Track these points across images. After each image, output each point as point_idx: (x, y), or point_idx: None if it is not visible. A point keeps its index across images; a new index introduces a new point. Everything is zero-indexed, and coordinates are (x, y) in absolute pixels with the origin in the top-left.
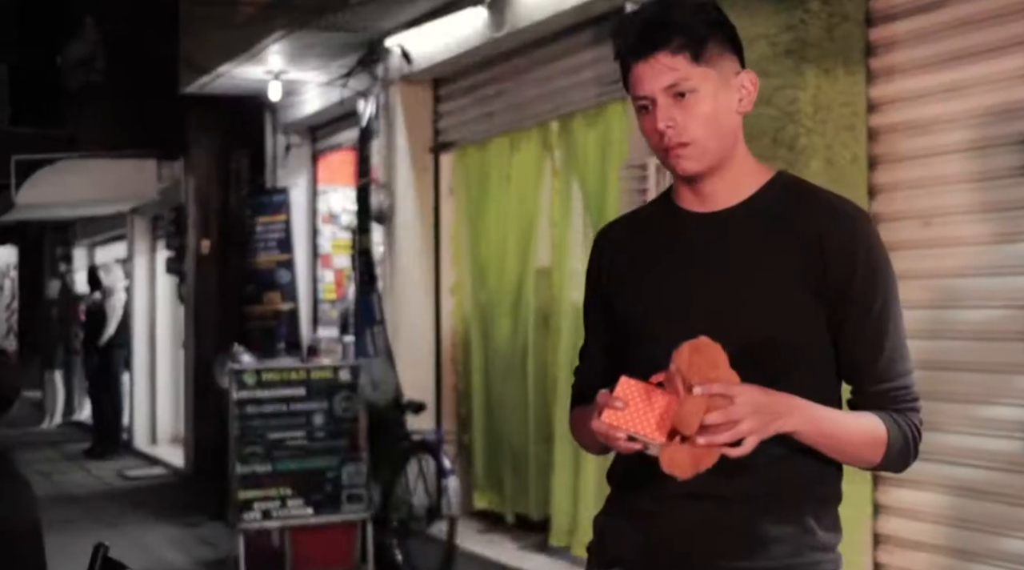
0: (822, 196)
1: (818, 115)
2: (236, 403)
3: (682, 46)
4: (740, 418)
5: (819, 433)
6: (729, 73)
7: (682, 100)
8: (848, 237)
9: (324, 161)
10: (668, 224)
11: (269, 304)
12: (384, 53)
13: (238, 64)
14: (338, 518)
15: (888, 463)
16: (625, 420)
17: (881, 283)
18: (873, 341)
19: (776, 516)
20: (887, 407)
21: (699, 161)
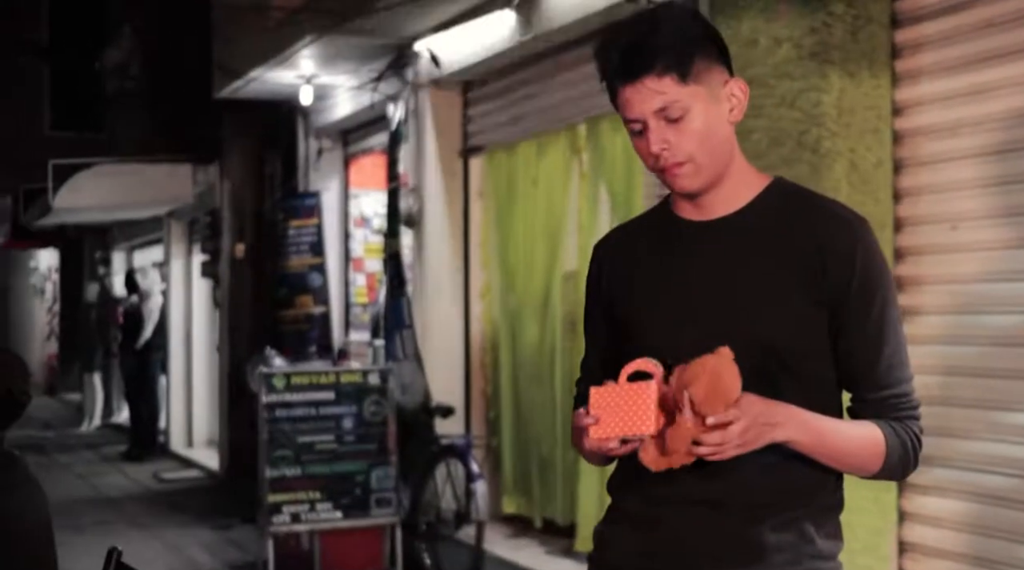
0: (819, 202)
1: (842, 118)
2: (265, 406)
3: (667, 68)
4: (730, 440)
5: (816, 443)
6: (718, 85)
7: (673, 121)
8: (846, 243)
9: (356, 165)
10: (666, 233)
11: (301, 307)
12: (413, 57)
13: (270, 68)
14: (367, 522)
15: (887, 472)
16: (610, 429)
17: (879, 289)
18: (871, 347)
19: (775, 523)
20: (887, 414)
21: (696, 178)
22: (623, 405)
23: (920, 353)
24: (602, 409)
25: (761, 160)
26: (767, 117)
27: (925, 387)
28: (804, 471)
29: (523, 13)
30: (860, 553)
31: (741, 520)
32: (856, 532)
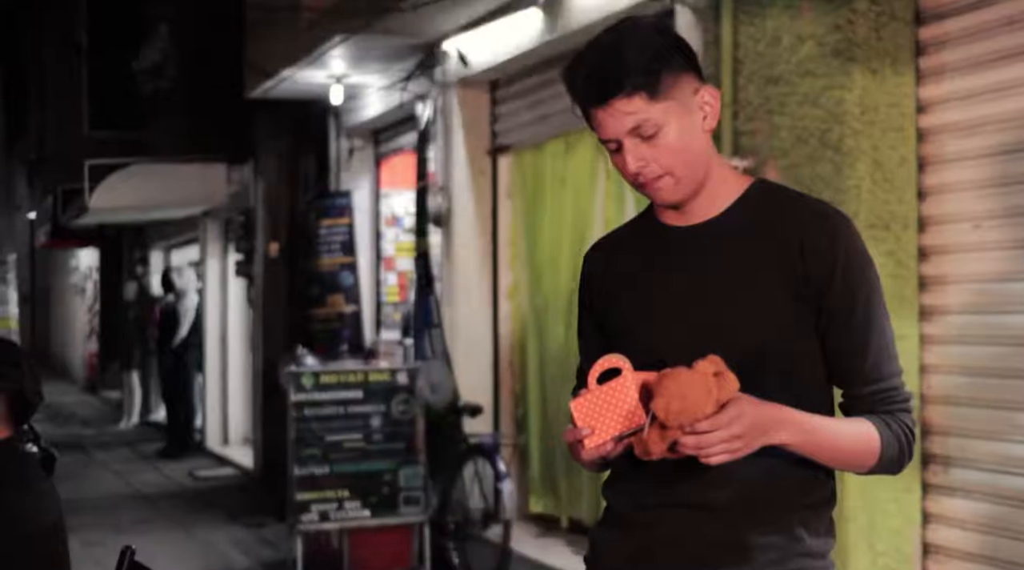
0: (800, 201)
1: (865, 116)
2: (294, 405)
3: (636, 88)
4: (720, 441)
5: (811, 444)
6: (689, 97)
7: (648, 139)
8: (827, 240)
9: (387, 164)
10: (652, 240)
11: (332, 306)
12: (442, 56)
13: (300, 68)
14: (395, 520)
15: (883, 467)
16: (601, 435)
17: (863, 284)
18: (858, 343)
19: (762, 524)
20: (878, 409)
21: (676, 190)
22: (605, 407)
23: (943, 353)
24: (588, 418)
25: (785, 158)
26: (790, 115)
27: (948, 387)
28: (794, 469)
29: (549, 12)
30: (883, 555)
31: (728, 521)
32: (879, 534)
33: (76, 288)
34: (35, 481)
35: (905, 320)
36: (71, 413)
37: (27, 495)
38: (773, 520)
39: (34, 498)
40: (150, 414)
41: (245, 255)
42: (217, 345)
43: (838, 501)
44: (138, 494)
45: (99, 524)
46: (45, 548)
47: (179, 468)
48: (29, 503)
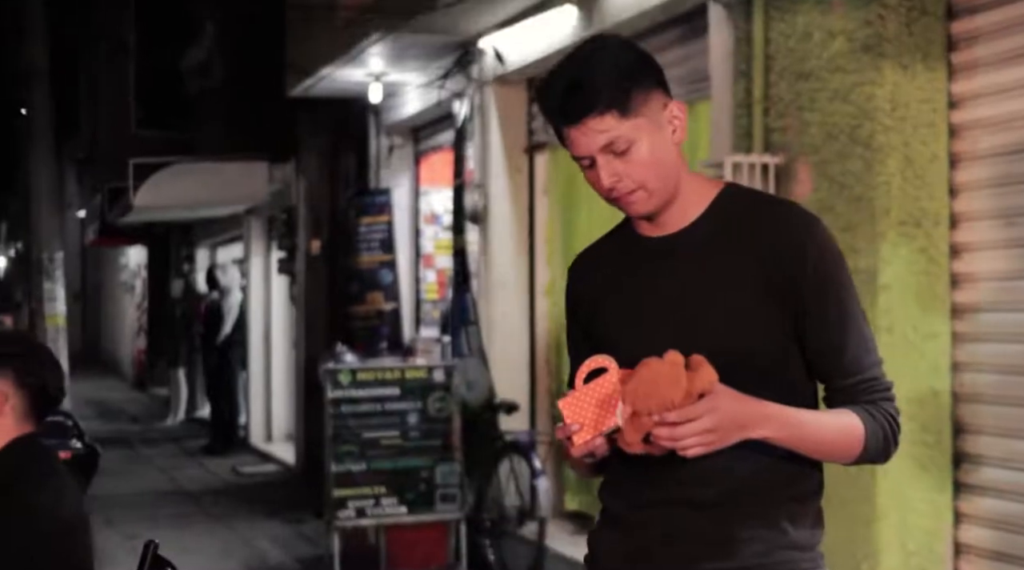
0: (770, 204)
1: (896, 112)
2: (331, 402)
3: (608, 106)
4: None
5: (794, 437)
6: (658, 112)
7: (621, 155)
8: (798, 239)
9: (426, 162)
10: (630, 251)
11: (372, 304)
12: (478, 54)
13: (339, 67)
14: (432, 517)
15: (868, 456)
16: (589, 431)
17: (835, 279)
18: (836, 338)
19: (748, 518)
20: (860, 399)
21: (649, 203)
22: (592, 404)
23: (975, 350)
24: (576, 415)
25: (816, 154)
26: (820, 111)
27: (980, 385)
28: (780, 463)
29: (585, 8)
30: (915, 554)
31: (715, 516)
32: (911, 533)
33: (125, 285)
34: (56, 477)
35: (936, 317)
36: (119, 410)
37: (47, 491)
38: (759, 514)
39: (54, 494)
40: (196, 411)
41: (287, 253)
42: (261, 342)
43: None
44: (181, 490)
45: (141, 518)
46: (65, 545)
47: (223, 464)
48: (49, 499)
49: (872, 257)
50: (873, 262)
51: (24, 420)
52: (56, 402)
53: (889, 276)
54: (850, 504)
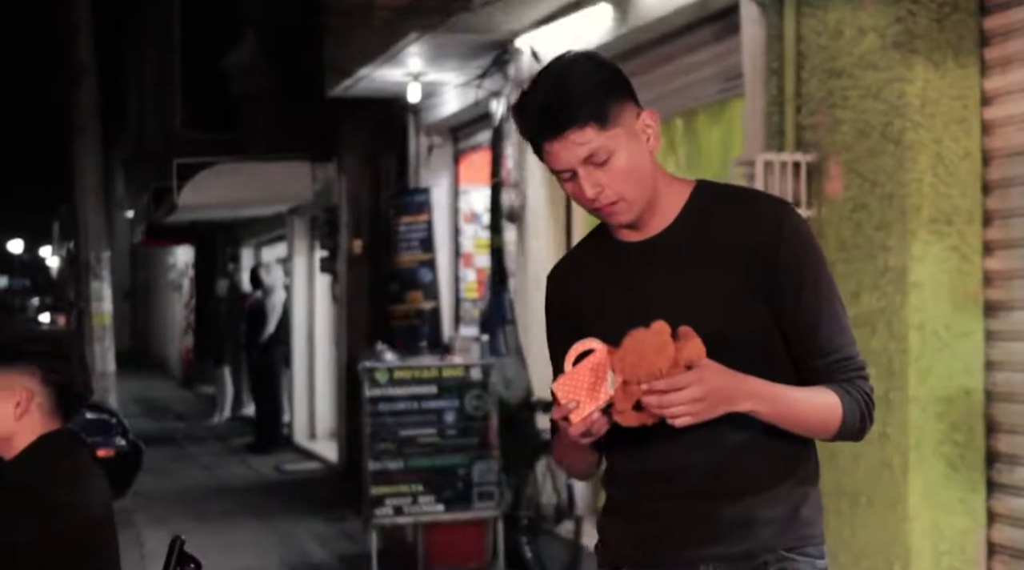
0: (741, 194)
1: (927, 109)
2: (369, 400)
3: (587, 119)
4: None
5: (777, 411)
6: (632, 122)
7: (602, 165)
8: (770, 226)
9: (465, 161)
10: (612, 257)
11: (412, 303)
12: (515, 53)
13: (378, 67)
14: (469, 515)
15: (845, 431)
16: (585, 408)
17: (809, 263)
18: (811, 319)
19: (761, 501)
20: (836, 377)
21: (631, 212)
22: (584, 382)
23: (1009, 349)
24: (571, 395)
25: (847, 152)
26: (852, 109)
27: (1014, 384)
28: (781, 446)
29: (619, 6)
30: (947, 554)
31: (730, 502)
32: (943, 533)
33: (173, 285)
34: (82, 474)
35: (969, 316)
36: (166, 408)
37: (73, 489)
38: (771, 496)
39: (80, 491)
40: (242, 409)
41: (329, 252)
42: (304, 340)
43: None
44: (224, 487)
45: (184, 515)
46: (91, 541)
47: (266, 462)
48: (75, 496)
49: (903, 255)
50: (904, 260)
51: (51, 417)
52: (83, 400)
53: (921, 274)
54: (881, 504)
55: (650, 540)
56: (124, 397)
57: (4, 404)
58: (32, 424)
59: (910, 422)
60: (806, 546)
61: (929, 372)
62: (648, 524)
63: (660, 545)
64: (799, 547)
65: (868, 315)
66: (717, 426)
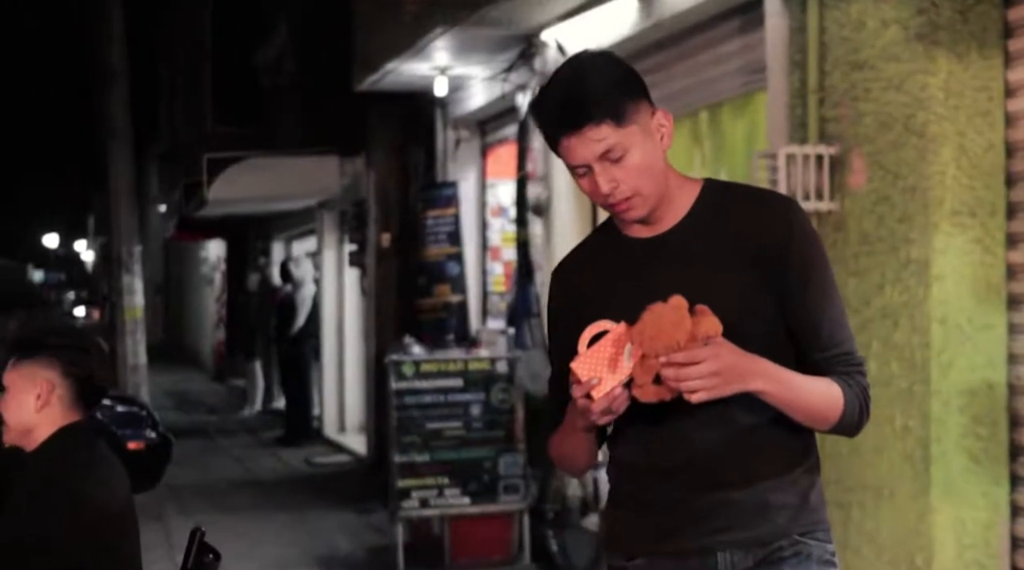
0: (747, 194)
1: (950, 101)
2: (395, 393)
3: (605, 116)
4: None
5: (785, 394)
6: (647, 120)
7: (617, 162)
8: (778, 224)
9: (493, 155)
10: (620, 251)
11: (439, 296)
12: (541, 47)
13: (405, 61)
14: (495, 508)
15: (843, 423)
16: (609, 382)
17: (814, 259)
18: (815, 315)
19: (774, 487)
20: (837, 370)
21: (644, 208)
22: (603, 359)
23: None
24: (591, 372)
25: (870, 145)
26: (875, 101)
27: None
28: (787, 436)
29: (644, 0)
30: (970, 548)
31: (742, 490)
32: (966, 526)
33: (205, 279)
34: (102, 465)
35: (992, 309)
36: (198, 401)
37: (92, 480)
38: (783, 484)
39: (99, 483)
40: (272, 402)
41: (358, 245)
42: (334, 334)
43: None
44: (254, 479)
45: (213, 507)
46: (110, 532)
47: (296, 455)
48: (94, 487)
49: (926, 247)
50: (927, 252)
51: (71, 409)
52: (103, 393)
53: (943, 266)
54: (904, 497)
55: (667, 531)
56: (157, 390)
57: (25, 396)
58: (52, 416)
59: (932, 415)
60: (816, 531)
61: (951, 365)
62: (663, 515)
63: (677, 535)
64: (811, 532)
65: (890, 308)
66: (727, 414)
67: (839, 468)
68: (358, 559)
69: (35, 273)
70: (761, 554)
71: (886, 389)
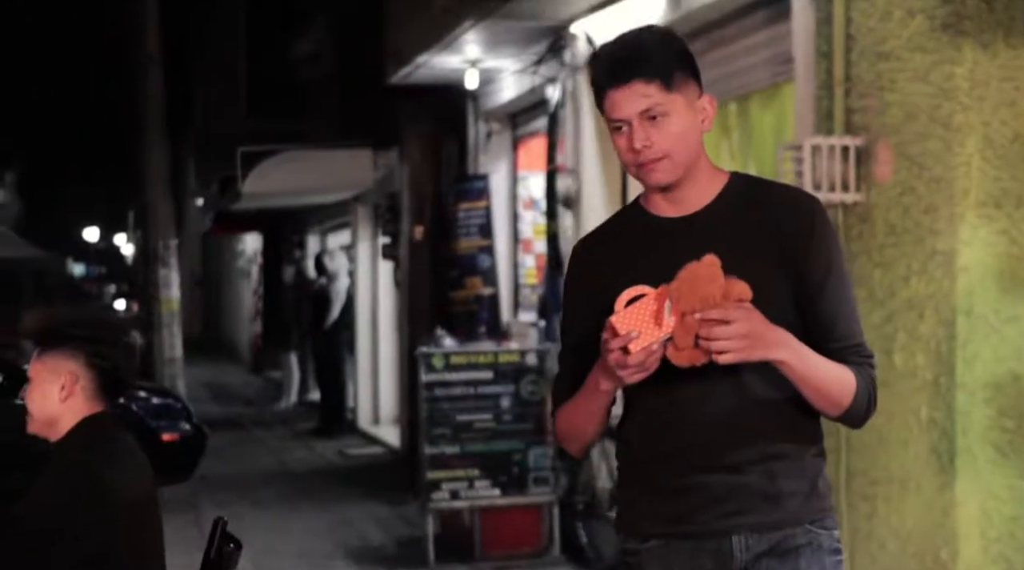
0: (774, 188)
1: (975, 91)
2: (425, 385)
3: (655, 75)
4: (729, 336)
5: (805, 369)
6: (693, 97)
7: (655, 122)
8: (803, 220)
9: (524, 147)
10: (645, 230)
11: (471, 289)
12: (570, 39)
13: (435, 54)
14: (525, 500)
15: (853, 410)
16: (643, 340)
17: (834, 258)
18: (832, 306)
19: (785, 473)
20: (850, 360)
21: (671, 173)
22: (642, 319)
23: None
24: (630, 326)
25: (896, 135)
26: (900, 91)
27: None
28: (798, 419)
29: None
30: (996, 542)
31: (756, 474)
32: (992, 519)
33: (243, 272)
34: (125, 455)
35: (1018, 300)
36: (235, 393)
37: (114, 470)
38: (794, 470)
39: (120, 473)
40: (307, 394)
41: (392, 238)
42: (368, 326)
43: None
44: (287, 471)
45: (246, 499)
46: (132, 522)
47: (330, 446)
48: (117, 477)
49: (951, 239)
50: (952, 244)
51: (94, 400)
52: (127, 385)
53: (968, 258)
54: (929, 490)
55: (682, 514)
56: (194, 382)
57: (50, 387)
58: (76, 407)
59: (958, 408)
60: (825, 519)
61: (977, 357)
62: (678, 499)
63: (692, 518)
64: (820, 520)
65: (916, 300)
66: (742, 391)
67: (865, 461)
68: (389, 551)
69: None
70: (775, 538)
71: (911, 381)
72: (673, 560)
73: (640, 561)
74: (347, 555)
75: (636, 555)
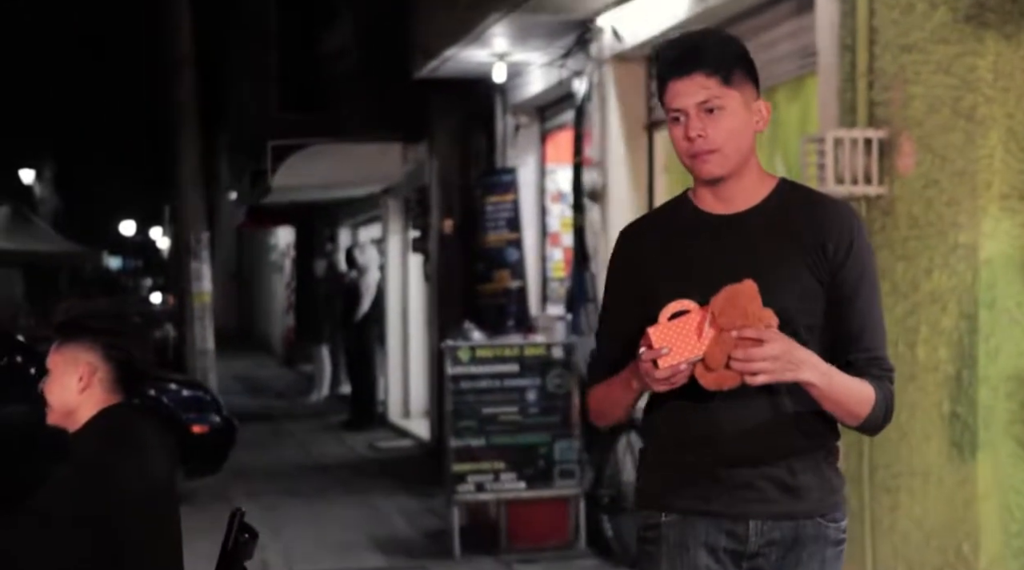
0: (818, 198)
1: (999, 83)
2: (451, 378)
3: (715, 69)
4: (763, 358)
5: (828, 387)
6: (750, 98)
7: (711, 115)
8: (843, 232)
9: (552, 140)
10: (693, 224)
11: (499, 282)
12: (597, 32)
13: (463, 48)
14: (550, 493)
15: (870, 420)
16: (678, 355)
17: (867, 269)
18: (860, 320)
19: (804, 468)
20: (871, 371)
21: (721, 167)
22: (678, 336)
23: None
24: (665, 341)
25: (919, 128)
26: (923, 83)
27: None
28: (816, 421)
29: None
30: (1017, 536)
31: (774, 467)
32: (1013, 513)
33: (275, 266)
34: (143, 446)
35: None
36: (267, 386)
37: (131, 461)
38: (812, 465)
39: (138, 464)
40: (338, 387)
41: (421, 232)
42: (398, 319)
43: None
44: (318, 464)
45: (276, 491)
46: (150, 512)
47: (360, 439)
48: (135, 468)
49: (974, 231)
50: (975, 236)
51: (112, 391)
52: (143, 376)
53: (991, 250)
54: (950, 484)
55: (703, 495)
56: (227, 375)
57: (68, 378)
58: (94, 398)
59: (980, 402)
60: (835, 512)
61: (999, 351)
62: (700, 482)
63: (713, 500)
64: (830, 513)
65: (939, 292)
66: (768, 396)
67: (888, 454)
68: (416, 543)
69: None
70: (787, 528)
71: (934, 375)
72: (689, 534)
73: (659, 535)
74: (375, 546)
75: (655, 529)
